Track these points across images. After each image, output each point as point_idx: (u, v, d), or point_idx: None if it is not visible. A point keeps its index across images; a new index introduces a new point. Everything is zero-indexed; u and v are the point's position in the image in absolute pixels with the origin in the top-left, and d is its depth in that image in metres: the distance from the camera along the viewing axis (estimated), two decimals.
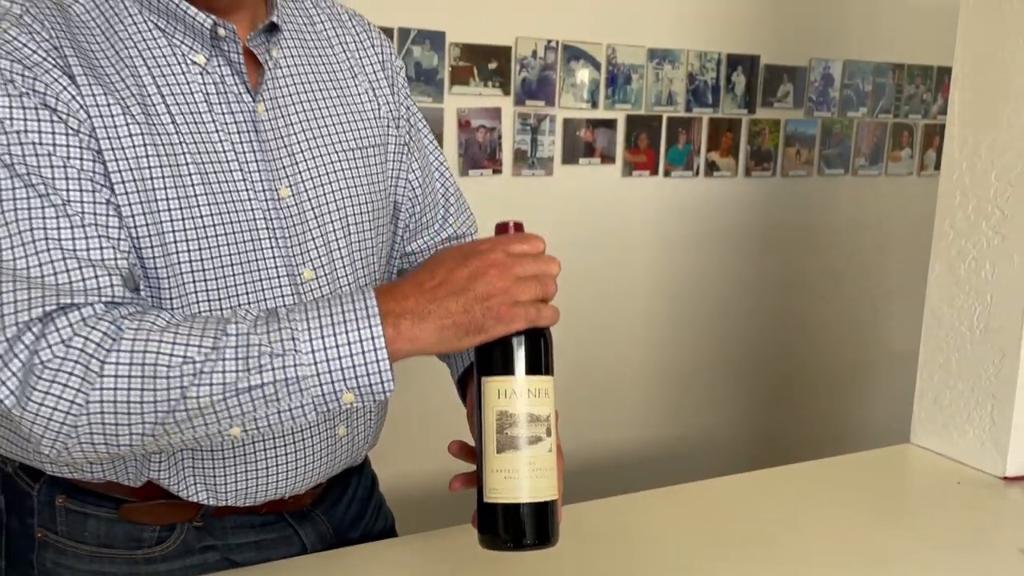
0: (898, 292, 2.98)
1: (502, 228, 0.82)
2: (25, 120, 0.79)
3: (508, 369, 0.77)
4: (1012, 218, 1.29)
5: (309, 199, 0.95)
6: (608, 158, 2.48)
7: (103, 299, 0.79)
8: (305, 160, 0.95)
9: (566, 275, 0.83)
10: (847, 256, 2.93)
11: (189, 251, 0.86)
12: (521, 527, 0.77)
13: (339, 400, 0.76)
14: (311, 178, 0.95)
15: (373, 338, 0.75)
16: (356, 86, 1.04)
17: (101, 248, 0.80)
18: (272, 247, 0.91)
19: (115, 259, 0.81)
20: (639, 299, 2.63)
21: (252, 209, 0.90)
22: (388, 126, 1.06)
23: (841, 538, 1.15)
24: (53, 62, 0.81)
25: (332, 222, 0.97)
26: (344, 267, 0.98)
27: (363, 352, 0.75)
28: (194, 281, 0.87)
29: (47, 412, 0.75)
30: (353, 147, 1.00)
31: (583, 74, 2.40)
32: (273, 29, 0.94)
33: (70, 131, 0.80)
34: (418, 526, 1.17)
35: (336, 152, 0.98)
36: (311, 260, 0.94)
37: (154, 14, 0.88)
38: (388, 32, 2.11)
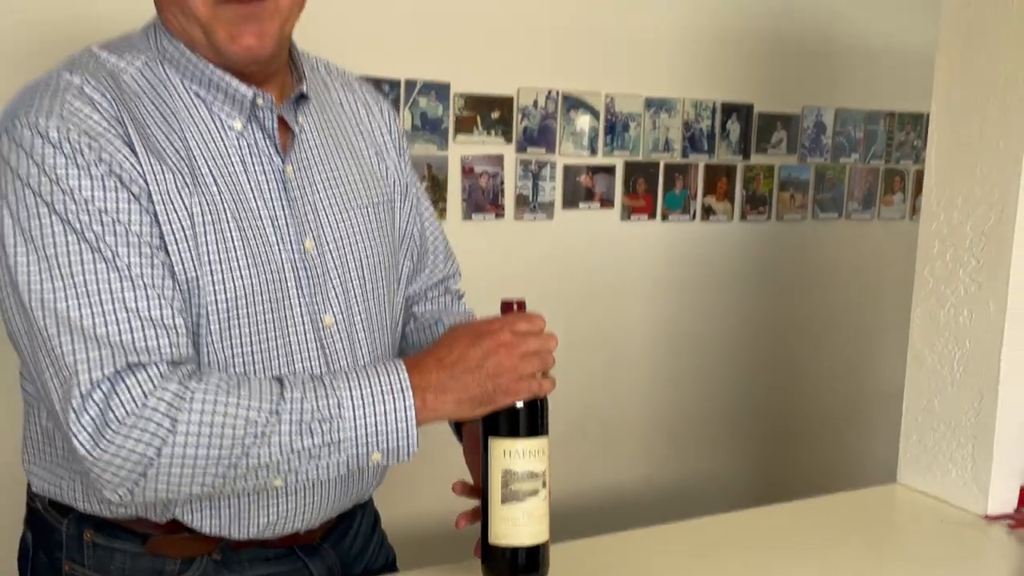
0: (892, 334, 3.03)
1: (507, 307, 0.96)
2: (92, 188, 0.86)
3: (511, 432, 0.94)
4: (987, 267, 1.36)
5: (330, 250, 1.04)
6: (607, 202, 2.56)
7: (164, 358, 0.87)
8: (327, 215, 1.04)
9: (567, 316, 0.94)
10: (842, 298, 3.00)
11: (227, 297, 0.94)
12: (521, 564, 0.96)
13: (368, 459, 0.90)
14: (332, 232, 1.05)
15: (405, 408, 0.89)
16: (367, 148, 1.14)
17: (160, 308, 0.88)
18: (298, 294, 1.00)
19: (172, 318, 0.89)
20: (639, 340, 2.69)
21: (281, 259, 0.99)
22: (395, 184, 1.16)
23: (830, 573, 1.21)
24: (115, 132, 0.89)
25: (349, 271, 1.06)
26: (359, 313, 1.06)
27: (396, 421, 0.89)
28: (229, 326, 0.95)
29: (119, 463, 0.84)
30: (366, 204, 1.10)
31: (582, 122, 2.49)
32: (301, 98, 1.04)
33: (131, 197, 0.88)
34: (417, 562, 1.23)
35: (352, 208, 1.08)
36: (331, 307, 1.03)
37: (195, 83, 0.97)
38: (395, 84, 2.20)
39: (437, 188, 2.30)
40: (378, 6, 2.17)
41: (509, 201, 2.42)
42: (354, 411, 0.89)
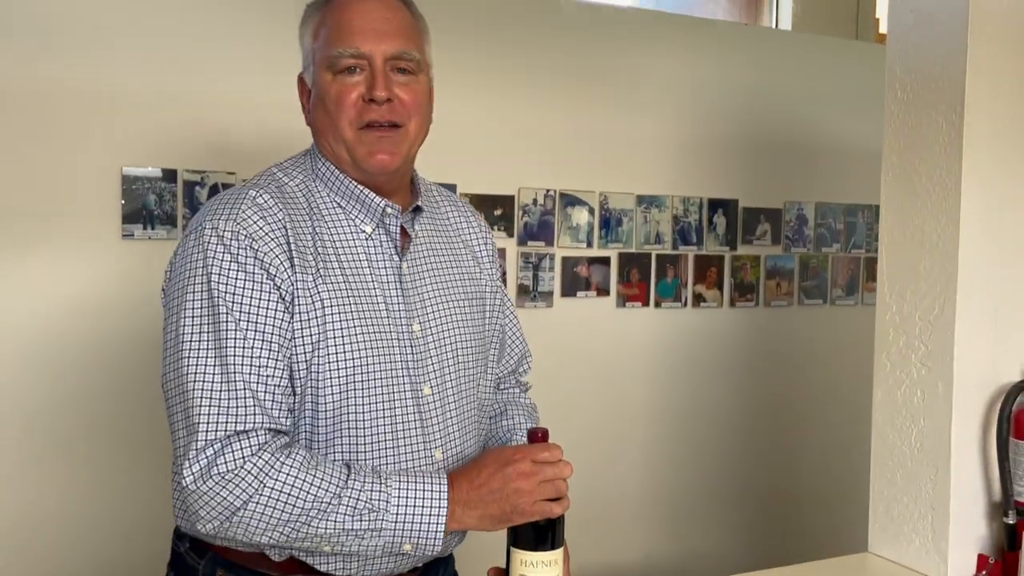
0: None
1: (533, 434, 1.17)
2: (245, 282, 1.11)
3: (528, 546, 1.13)
4: (934, 353, 1.52)
5: (432, 334, 1.25)
6: (603, 291, 2.75)
7: (264, 428, 1.09)
8: (433, 305, 1.26)
9: (567, 398, 1.13)
10: (830, 381, 3.13)
11: (347, 367, 1.15)
12: None
13: (400, 548, 1.11)
14: (435, 319, 1.26)
15: (439, 515, 1.11)
16: (466, 254, 1.37)
17: (267, 391, 1.10)
18: (403, 369, 1.21)
19: (274, 400, 1.11)
20: (636, 420, 2.83)
21: (392, 339, 1.20)
22: (487, 286, 1.39)
23: None
24: (274, 237, 1.14)
25: (445, 353, 1.26)
26: (451, 387, 1.26)
27: (428, 524, 1.11)
28: (348, 392, 1.15)
29: (214, 504, 1.06)
30: (463, 298, 1.32)
31: (579, 217, 2.69)
32: (418, 210, 1.28)
33: (274, 288, 1.12)
34: None
35: (452, 301, 1.29)
36: (428, 380, 1.23)
37: (337, 195, 1.22)
38: None
39: None
40: None
41: (511, 290, 2.60)
42: (398, 507, 1.10)
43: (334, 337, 1.15)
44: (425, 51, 1.25)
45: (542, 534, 1.13)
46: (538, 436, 1.16)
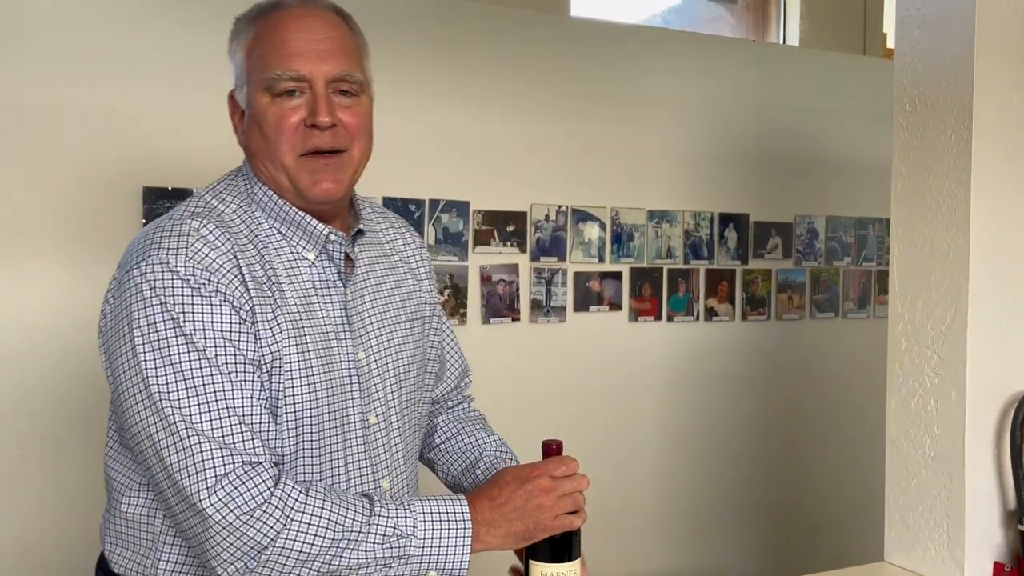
0: None
1: (547, 447, 1.16)
2: (212, 314, 1.05)
3: (547, 558, 1.14)
4: (947, 362, 1.53)
5: (375, 361, 1.21)
6: (615, 306, 2.77)
7: (267, 459, 1.03)
8: (375, 331, 1.23)
9: (580, 412, 1.12)
10: (842, 394, 3.14)
11: (302, 398, 1.11)
12: None
13: (426, 574, 1.07)
14: (378, 345, 1.22)
15: (464, 538, 1.08)
16: (404, 273, 1.33)
17: (258, 417, 1.05)
18: (351, 399, 1.17)
19: (267, 426, 1.06)
20: (648, 435, 2.84)
21: (342, 367, 1.16)
22: (426, 304, 1.36)
23: None
24: (228, 268, 1.08)
25: (388, 380, 1.23)
26: (395, 413, 1.24)
27: (455, 546, 1.07)
28: (301, 422, 1.11)
29: (239, 544, 0.99)
30: (403, 320, 1.29)
31: (590, 233, 2.72)
32: (359, 233, 1.23)
33: (241, 320, 1.07)
34: None
35: (393, 325, 1.26)
36: (374, 409, 1.20)
37: (277, 222, 1.16)
38: (420, 203, 2.45)
39: (458, 295, 2.51)
40: (407, 137, 2.44)
41: (524, 306, 2.63)
42: (424, 533, 1.06)
43: (290, 369, 1.10)
44: (366, 69, 1.19)
45: (561, 546, 1.14)
46: (553, 449, 1.16)
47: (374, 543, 1.04)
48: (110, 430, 1.21)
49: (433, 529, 1.07)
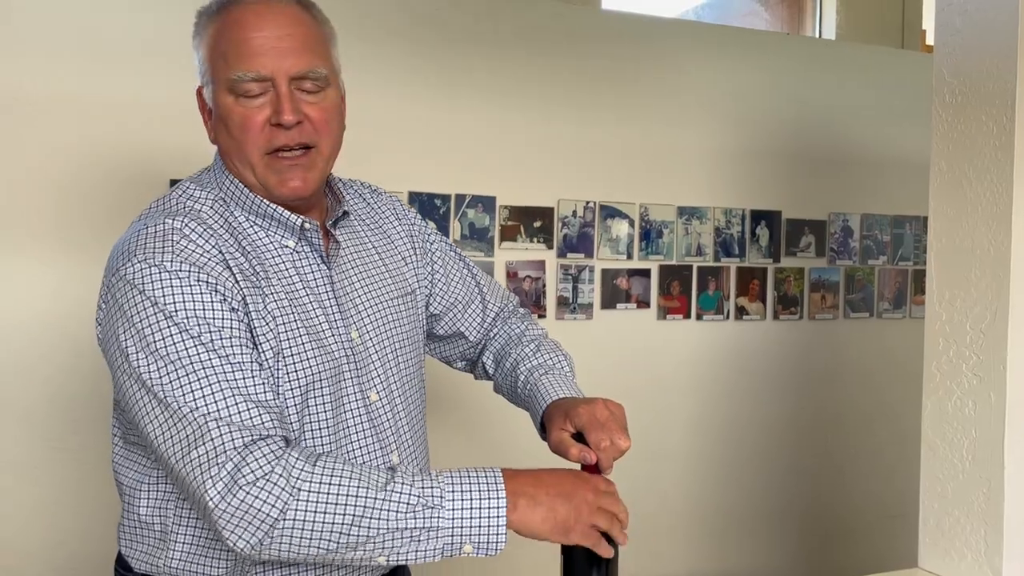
0: None
1: (587, 465, 1.18)
2: (202, 305, 1.05)
3: None
4: (986, 362, 1.48)
5: (371, 339, 1.23)
6: (644, 303, 2.73)
7: (276, 433, 1.02)
8: (366, 308, 1.24)
9: None
10: (876, 397, 3.07)
11: (301, 383, 1.13)
12: None
13: (460, 549, 1.01)
14: (371, 322, 1.23)
15: (499, 508, 1.01)
16: (390, 247, 1.34)
17: (264, 392, 1.05)
18: (349, 376, 1.18)
19: (272, 399, 1.05)
20: (677, 435, 2.80)
21: (335, 348, 1.17)
22: (415, 275, 1.36)
23: None
24: (216, 261, 1.09)
25: (387, 356, 1.24)
26: (397, 388, 1.25)
27: (489, 517, 1.01)
28: (302, 407, 1.13)
29: (250, 517, 0.97)
30: (395, 295, 1.30)
31: (619, 229, 2.68)
32: (343, 215, 1.25)
33: (232, 310, 1.08)
34: None
35: (384, 300, 1.27)
36: (375, 386, 1.21)
37: (253, 215, 1.17)
38: (446, 198, 2.43)
39: None
40: (433, 132, 2.42)
41: (551, 303, 2.60)
42: (453, 503, 1.00)
43: (286, 356, 1.11)
44: (332, 59, 1.18)
45: (598, 570, 1.12)
46: (593, 468, 1.17)
47: (394, 511, 0.99)
48: (114, 436, 1.24)
49: (463, 499, 1.00)
